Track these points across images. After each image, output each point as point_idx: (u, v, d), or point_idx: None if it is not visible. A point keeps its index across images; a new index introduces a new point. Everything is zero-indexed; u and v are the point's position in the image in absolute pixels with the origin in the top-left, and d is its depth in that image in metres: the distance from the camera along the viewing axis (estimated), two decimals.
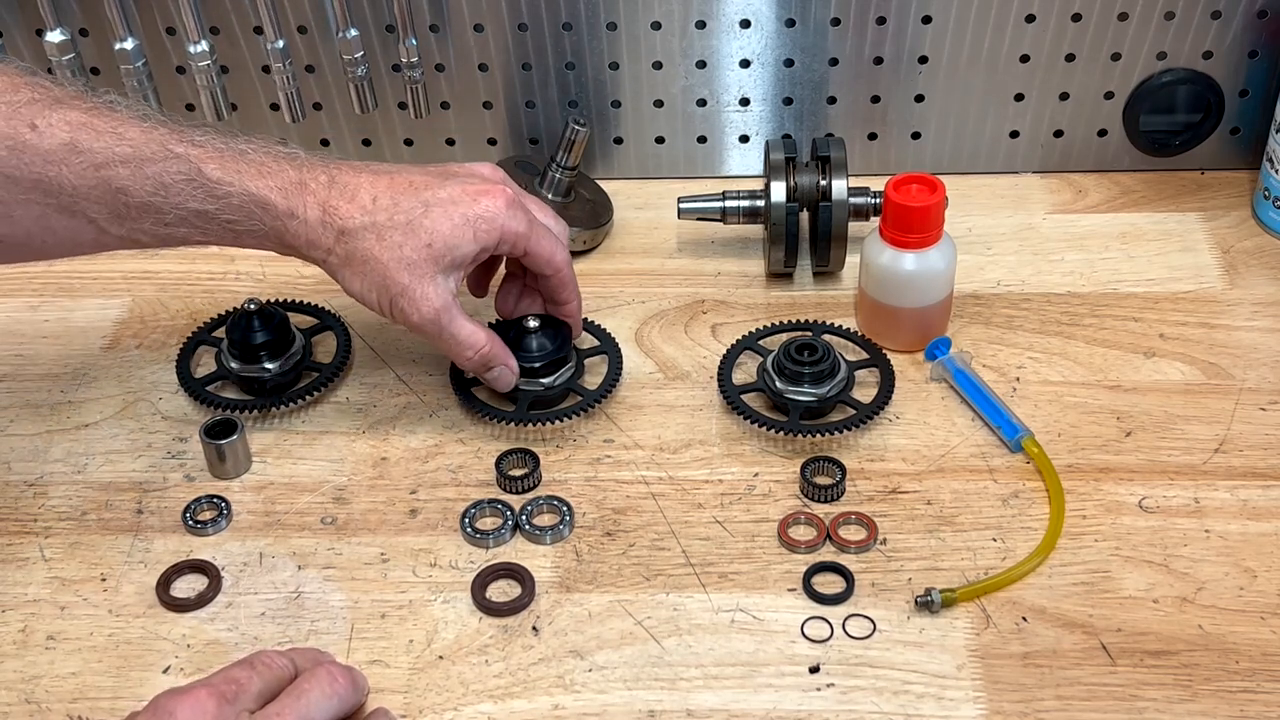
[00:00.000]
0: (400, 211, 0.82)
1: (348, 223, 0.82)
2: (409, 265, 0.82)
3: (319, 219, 0.82)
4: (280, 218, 0.81)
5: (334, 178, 0.83)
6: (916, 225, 0.91)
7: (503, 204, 0.84)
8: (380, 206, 0.82)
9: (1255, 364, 0.93)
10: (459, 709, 0.74)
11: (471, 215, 0.83)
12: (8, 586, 0.82)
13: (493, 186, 0.85)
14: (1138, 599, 0.78)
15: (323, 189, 0.82)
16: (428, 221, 0.82)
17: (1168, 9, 1.04)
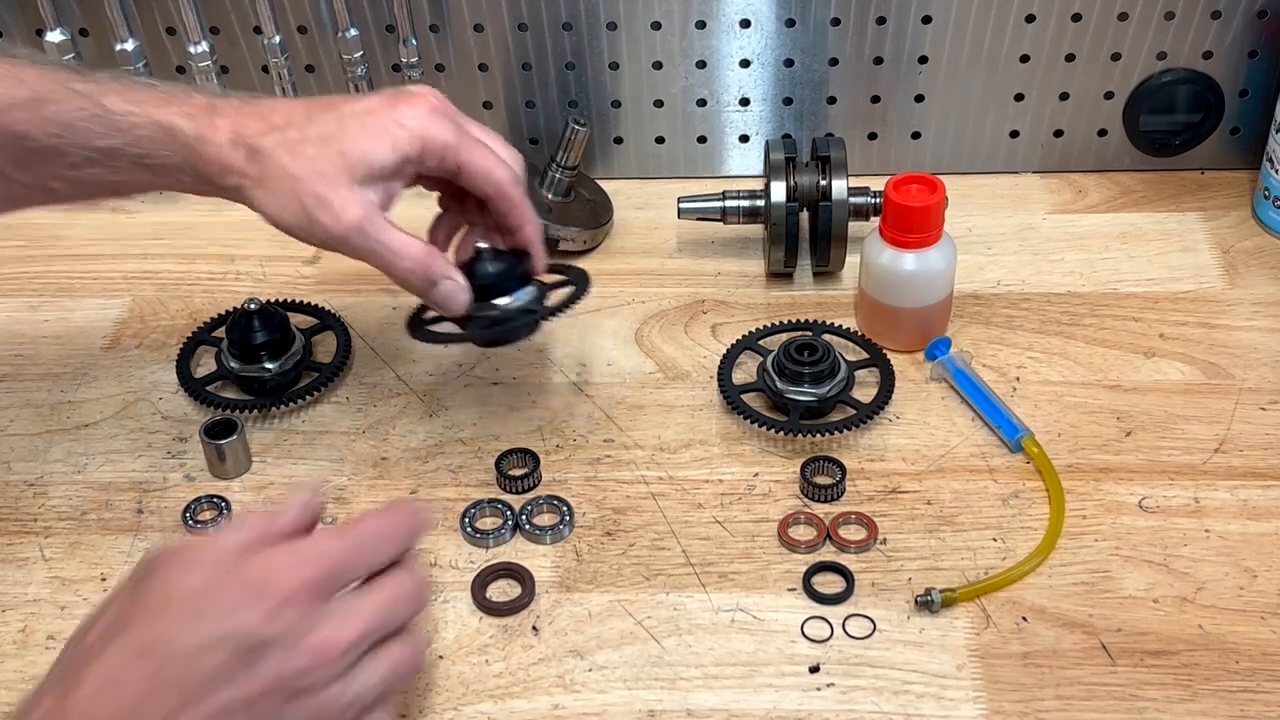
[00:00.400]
0: (313, 125, 0.77)
1: (260, 141, 0.76)
2: (323, 176, 0.76)
3: (229, 140, 0.76)
4: (190, 143, 0.76)
5: (245, 101, 0.78)
6: (916, 225, 0.91)
7: (424, 110, 0.78)
8: (293, 123, 0.77)
9: (1255, 364, 0.93)
10: (459, 709, 0.74)
11: (389, 122, 0.77)
12: (8, 586, 0.82)
13: (416, 95, 0.79)
14: (1138, 599, 0.78)
15: (233, 111, 0.77)
16: (342, 133, 0.76)
17: (1168, 9, 1.04)
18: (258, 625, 0.60)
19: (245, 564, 0.62)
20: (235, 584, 0.61)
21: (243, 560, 0.62)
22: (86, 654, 0.60)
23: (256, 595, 0.60)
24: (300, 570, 0.62)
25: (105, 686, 0.58)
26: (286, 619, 0.61)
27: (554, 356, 0.97)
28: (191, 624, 0.60)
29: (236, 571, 0.62)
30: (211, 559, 0.62)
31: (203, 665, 0.59)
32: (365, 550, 0.66)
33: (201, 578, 0.61)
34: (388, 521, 0.68)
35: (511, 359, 0.97)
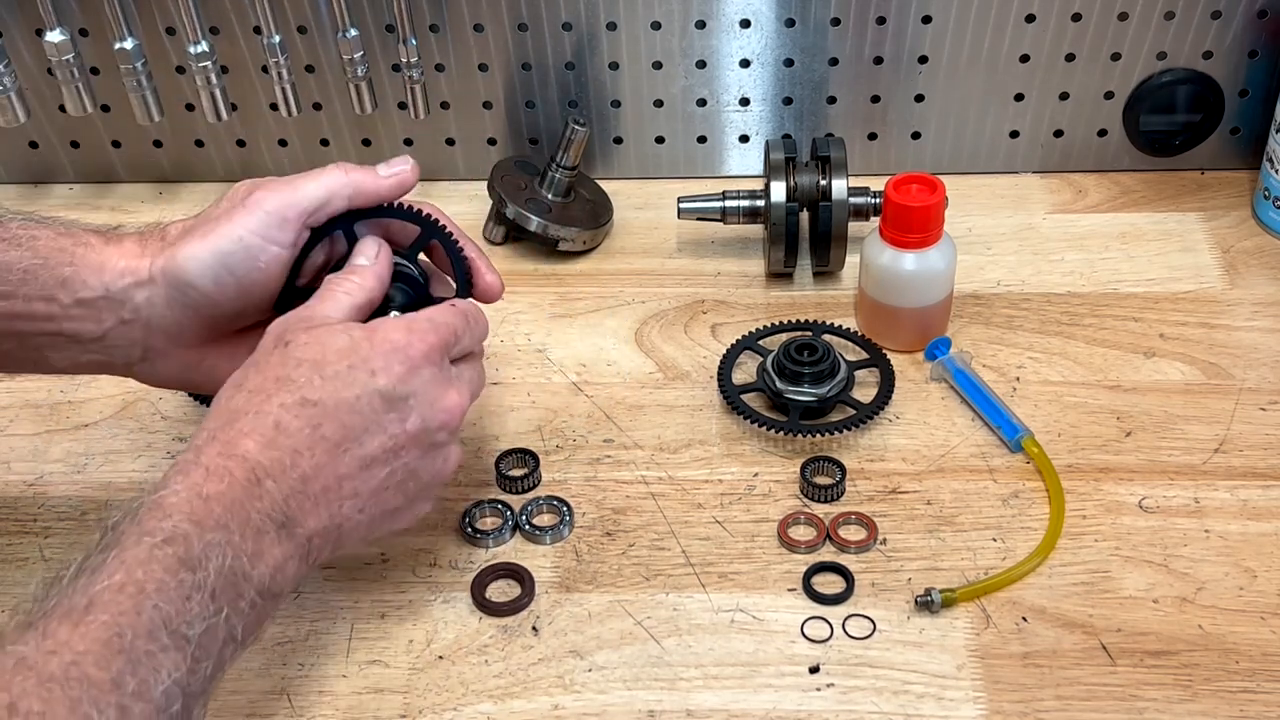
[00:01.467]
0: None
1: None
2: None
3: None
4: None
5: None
6: (916, 225, 0.91)
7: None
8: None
9: (1255, 364, 0.93)
10: (459, 709, 0.74)
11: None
12: (7, 586, 0.82)
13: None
14: (1138, 599, 0.78)
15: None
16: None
17: (1168, 9, 1.04)
18: (400, 382, 0.68)
19: (381, 328, 0.70)
20: (377, 346, 0.69)
21: (378, 326, 0.70)
22: (246, 408, 0.66)
23: (397, 357, 0.69)
24: (428, 335, 0.70)
25: (273, 434, 0.65)
26: (423, 378, 0.70)
27: (554, 356, 0.97)
28: (346, 379, 0.67)
29: (374, 335, 0.69)
30: (345, 326, 0.70)
31: (357, 414, 0.67)
32: (472, 323, 0.75)
33: (346, 340, 0.68)
34: (475, 306, 0.77)
35: (511, 359, 0.97)
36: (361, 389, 0.67)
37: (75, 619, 0.57)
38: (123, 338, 0.74)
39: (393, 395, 0.68)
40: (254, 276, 0.73)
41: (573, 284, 1.04)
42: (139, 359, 0.75)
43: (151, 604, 0.58)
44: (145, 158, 1.16)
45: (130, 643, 0.56)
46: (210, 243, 0.73)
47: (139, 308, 0.73)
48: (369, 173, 0.76)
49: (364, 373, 0.68)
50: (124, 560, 0.59)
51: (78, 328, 0.73)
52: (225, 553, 0.61)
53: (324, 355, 0.68)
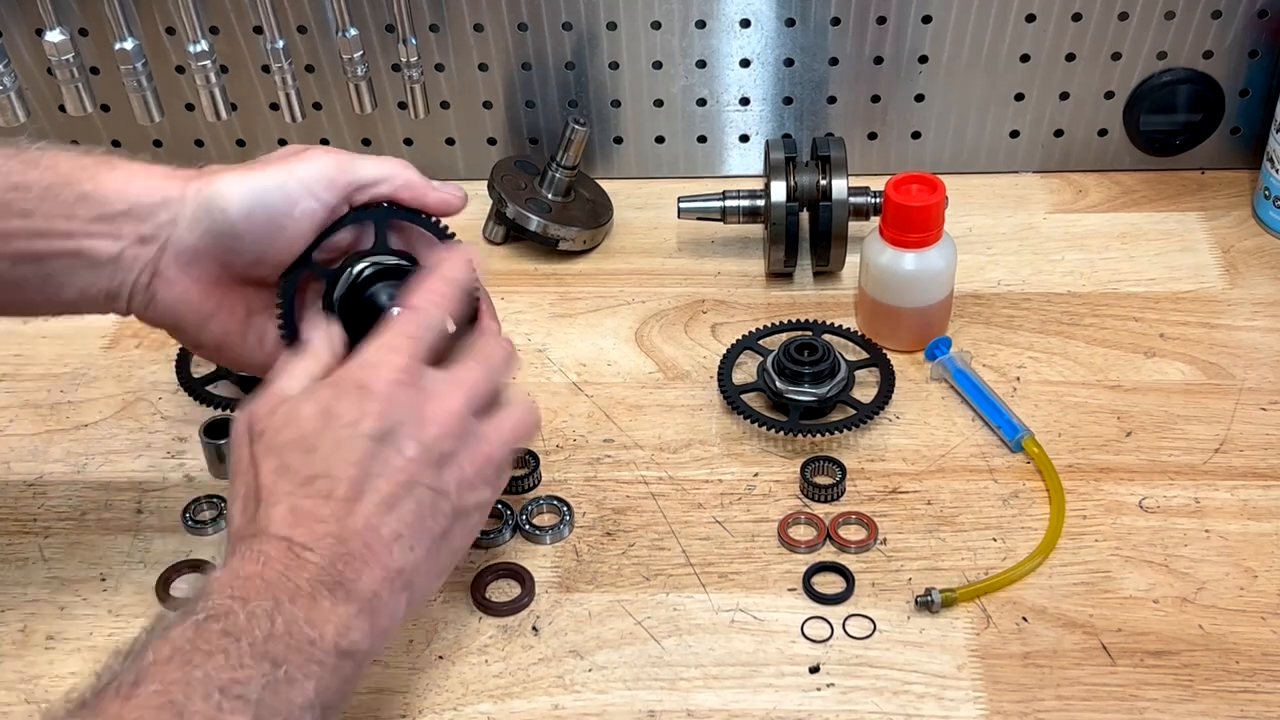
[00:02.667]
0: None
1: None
2: None
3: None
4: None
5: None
6: (916, 225, 0.91)
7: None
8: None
9: (1255, 364, 0.93)
10: (459, 709, 0.74)
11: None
12: (7, 586, 0.82)
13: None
14: (1138, 599, 0.78)
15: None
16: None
17: (1168, 9, 1.04)
18: (380, 419, 0.66)
19: (341, 376, 0.68)
20: (343, 397, 0.67)
21: (336, 378, 0.68)
22: (256, 509, 0.65)
23: (366, 398, 0.67)
24: (389, 361, 0.68)
25: (293, 517, 0.64)
26: (399, 401, 0.67)
27: (554, 356, 0.97)
28: (333, 441, 0.66)
29: (337, 388, 0.68)
30: (305, 392, 0.68)
31: (356, 466, 0.66)
32: (429, 316, 0.71)
33: (313, 406, 0.67)
34: (438, 284, 0.73)
35: None
36: (349, 442, 0.66)
37: (125, 694, 0.56)
38: (137, 258, 0.72)
39: (380, 434, 0.66)
40: (283, 223, 0.72)
41: (573, 284, 1.04)
42: (144, 285, 0.73)
43: (201, 673, 0.57)
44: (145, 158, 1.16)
45: (184, 705, 0.56)
46: (253, 179, 0.72)
47: (161, 225, 0.72)
48: (424, 181, 0.77)
49: (345, 428, 0.66)
50: (170, 638, 0.59)
51: (95, 246, 0.71)
52: (274, 618, 0.60)
53: (302, 430, 0.66)
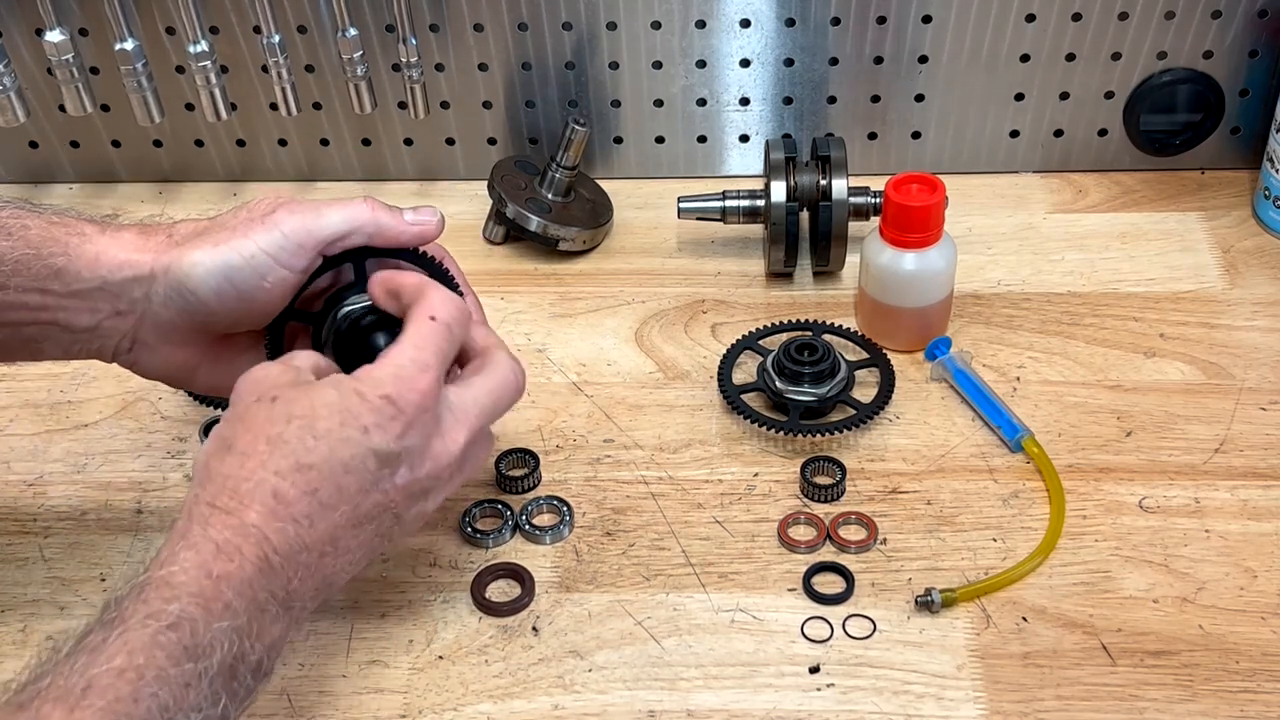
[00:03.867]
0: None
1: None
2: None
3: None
4: None
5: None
6: (916, 225, 0.91)
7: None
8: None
9: (1255, 364, 0.93)
10: (459, 709, 0.74)
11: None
12: (7, 586, 0.82)
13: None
14: (1138, 599, 0.78)
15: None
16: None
17: (1168, 8, 1.04)
18: (394, 440, 0.66)
19: (369, 378, 0.67)
20: (367, 399, 0.66)
21: (365, 375, 0.67)
22: (240, 474, 0.64)
23: (389, 412, 0.66)
24: (419, 380, 0.67)
25: (274, 504, 0.63)
26: (416, 427, 0.67)
27: (554, 356, 0.97)
28: (339, 438, 0.65)
29: (362, 386, 0.66)
30: (331, 380, 0.67)
31: (351, 475, 0.65)
32: (455, 332, 0.70)
33: (335, 395, 0.66)
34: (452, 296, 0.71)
35: None
36: (356, 449, 0.65)
37: (71, 703, 0.55)
38: (115, 329, 0.73)
39: (386, 453, 0.66)
40: (256, 295, 0.72)
41: (573, 284, 1.04)
42: (126, 349, 0.74)
43: (150, 692, 0.57)
44: (145, 158, 1.16)
45: None
46: (220, 253, 0.71)
47: (135, 301, 0.72)
48: (395, 216, 0.75)
49: (357, 430, 0.65)
50: (126, 642, 0.58)
51: (71, 319, 0.72)
52: (231, 640, 0.60)
53: (314, 410, 0.65)
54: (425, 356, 0.68)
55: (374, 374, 0.67)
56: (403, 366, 0.67)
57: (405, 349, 0.68)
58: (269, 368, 0.68)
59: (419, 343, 0.68)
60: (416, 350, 0.68)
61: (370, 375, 0.67)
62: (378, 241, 0.74)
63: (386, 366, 0.67)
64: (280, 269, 0.72)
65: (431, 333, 0.69)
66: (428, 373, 0.67)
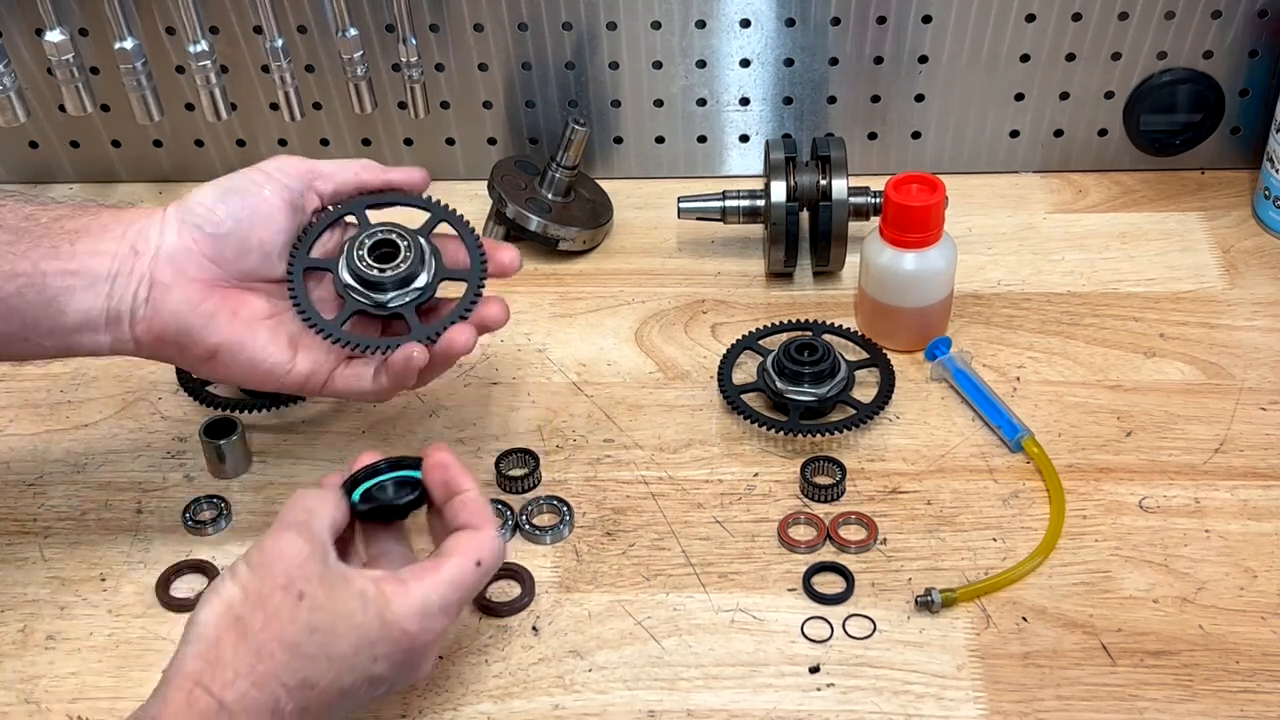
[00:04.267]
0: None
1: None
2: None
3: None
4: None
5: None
6: (916, 225, 0.91)
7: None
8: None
9: (1255, 364, 0.93)
10: (459, 709, 0.74)
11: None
12: (7, 586, 0.82)
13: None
14: (1138, 599, 0.78)
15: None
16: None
17: (1168, 8, 1.04)
18: (395, 670, 0.67)
19: (395, 604, 0.66)
20: (388, 630, 0.66)
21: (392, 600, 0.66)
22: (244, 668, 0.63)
23: (402, 647, 0.66)
24: (438, 621, 0.68)
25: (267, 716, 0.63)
26: (414, 660, 0.68)
27: (554, 356, 0.97)
28: (349, 664, 0.65)
29: (386, 615, 0.66)
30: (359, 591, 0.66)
31: (344, 695, 0.66)
32: (485, 575, 0.70)
33: (360, 615, 0.65)
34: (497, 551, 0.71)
35: (511, 359, 0.97)
36: (359, 675, 0.66)
37: None
38: (132, 271, 0.74)
39: (380, 678, 0.67)
40: (256, 205, 0.77)
41: (573, 284, 1.04)
42: (144, 298, 0.75)
43: None
44: (145, 158, 1.16)
45: None
46: (220, 182, 0.78)
47: (149, 237, 0.75)
48: (383, 167, 0.81)
49: (367, 658, 0.65)
50: None
51: (91, 264, 0.74)
52: None
53: (336, 628, 0.65)
54: (454, 599, 0.68)
55: (403, 601, 0.67)
56: (430, 602, 0.67)
57: (440, 585, 0.68)
58: (295, 544, 0.66)
59: (456, 582, 0.68)
60: (450, 589, 0.68)
61: (398, 601, 0.67)
62: (366, 176, 0.81)
63: (415, 596, 0.67)
64: (275, 181, 0.78)
65: (471, 578, 0.69)
66: (447, 616, 0.68)
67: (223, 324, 0.76)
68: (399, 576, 0.68)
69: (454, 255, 0.81)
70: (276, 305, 0.78)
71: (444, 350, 0.78)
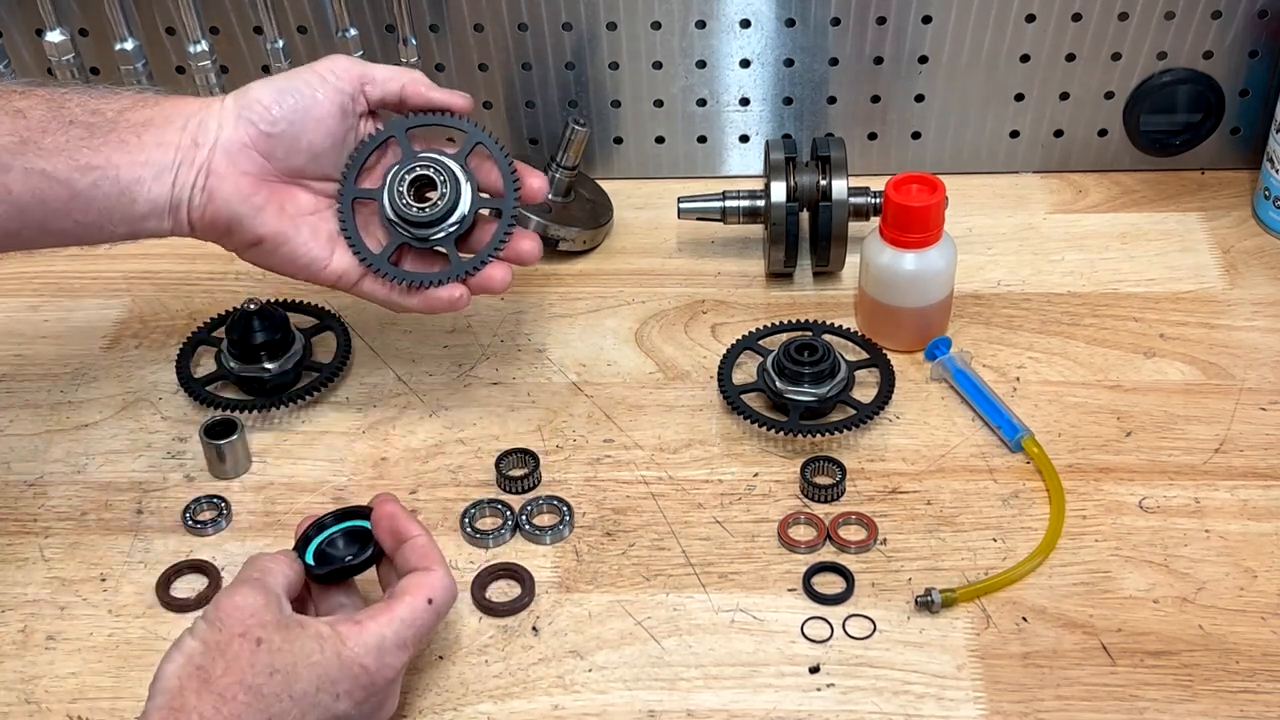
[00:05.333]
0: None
1: None
2: None
3: None
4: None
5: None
6: (916, 225, 0.91)
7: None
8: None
9: (1255, 364, 0.93)
10: (459, 709, 0.74)
11: None
12: (7, 586, 0.82)
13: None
14: (1138, 599, 0.78)
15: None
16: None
17: (1168, 9, 1.04)
18: (357, 705, 0.68)
19: (352, 642, 0.68)
20: (346, 668, 0.67)
21: (349, 639, 0.68)
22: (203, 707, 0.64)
23: (362, 682, 0.67)
24: (398, 657, 0.69)
25: None
26: (374, 700, 0.69)
27: (554, 356, 0.97)
28: (311, 703, 0.66)
29: (344, 653, 0.67)
30: (316, 633, 0.67)
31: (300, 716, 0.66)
32: (438, 615, 0.71)
33: (318, 655, 0.67)
34: (449, 591, 0.72)
35: (511, 359, 0.97)
36: (322, 713, 0.66)
37: None
38: (193, 160, 0.79)
39: (344, 716, 0.67)
40: (308, 104, 0.81)
41: (573, 284, 1.04)
42: (201, 185, 0.79)
43: None
44: None
45: None
46: (276, 79, 0.82)
47: (208, 130, 0.80)
48: (430, 84, 0.85)
49: (329, 696, 0.66)
50: None
51: (157, 156, 0.79)
52: None
53: (294, 669, 0.66)
54: (408, 635, 0.69)
55: (358, 639, 0.68)
56: (385, 639, 0.68)
57: (394, 622, 0.69)
58: (250, 597, 0.68)
59: (409, 620, 0.70)
60: (403, 626, 0.69)
61: (353, 639, 0.68)
62: (409, 93, 0.84)
63: (370, 634, 0.68)
64: (329, 84, 0.82)
65: (424, 616, 0.70)
66: (404, 652, 0.69)
67: (270, 217, 0.81)
68: (354, 618, 0.69)
69: (489, 176, 0.86)
70: (319, 201, 0.84)
71: (482, 286, 0.84)
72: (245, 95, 0.81)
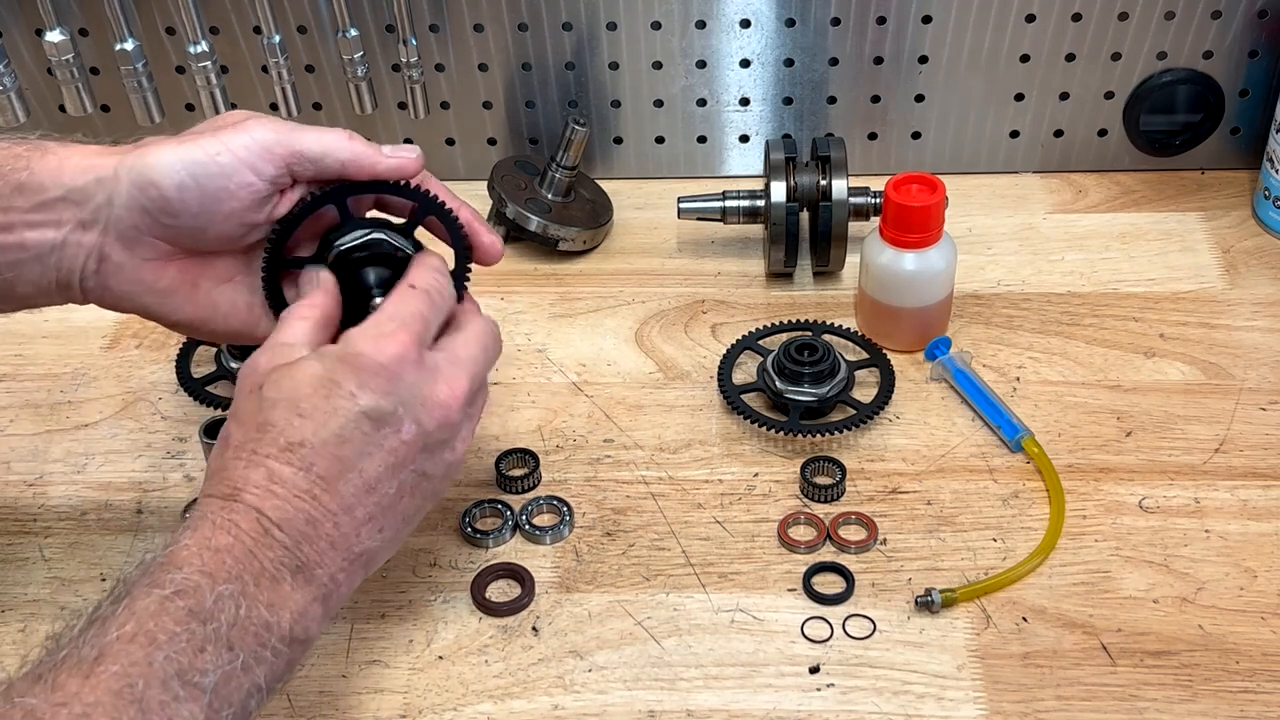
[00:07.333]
0: None
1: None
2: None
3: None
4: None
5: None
6: (916, 225, 0.91)
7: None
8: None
9: (1255, 364, 0.93)
10: (459, 709, 0.74)
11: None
12: (7, 586, 0.82)
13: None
14: (1138, 599, 0.78)
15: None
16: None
17: (1168, 9, 1.04)
18: (382, 396, 0.66)
19: (348, 343, 0.67)
20: (347, 364, 0.66)
21: (344, 341, 0.67)
22: (236, 463, 0.65)
23: (370, 370, 0.66)
24: (397, 336, 0.67)
25: (268, 484, 0.64)
26: (406, 382, 0.67)
27: (554, 356, 0.97)
28: (325, 410, 0.65)
29: (343, 353, 0.67)
30: (314, 354, 0.67)
31: (347, 443, 0.65)
32: (436, 297, 0.71)
33: (316, 368, 0.66)
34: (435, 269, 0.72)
35: (511, 359, 0.97)
36: (346, 416, 0.65)
37: (85, 670, 0.56)
38: (80, 245, 0.70)
39: (379, 413, 0.65)
40: (220, 197, 0.70)
41: (573, 284, 1.04)
42: (93, 270, 0.71)
43: (163, 655, 0.57)
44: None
45: (142, 693, 0.56)
46: (184, 150, 0.69)
47: (98, 207, 0.69)
48: (372, 149, 0.73)
49: (343, 398, 0.65)
50: (134, 611, 0.58)
51: (36, 236, 0.69)
52: (239, 603, 0.60)
53: (296, 389, 0.65)
54: (403, 314, 0.69)
55: (352, 335, 0.68)
56: (381, 324, 0.68)
57: (384, 311, 0.69)
58: (256, 358, 0.68)
59: (396, 304, 0.70)
60: (395, 309, 0.69)
61: (349, 337, 0.68)
62: (353, 170, 0.73)
63: (366, 327, 0.68)
64: (247, 172, 0.70)
65: (410, 297, 0.70)
66: (404, 329, 0.68)
67: (181, 301, 0.73)
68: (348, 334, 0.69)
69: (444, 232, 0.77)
70: (238, 262, 0.75)
71: None
72: (144, 167, 0.69)
